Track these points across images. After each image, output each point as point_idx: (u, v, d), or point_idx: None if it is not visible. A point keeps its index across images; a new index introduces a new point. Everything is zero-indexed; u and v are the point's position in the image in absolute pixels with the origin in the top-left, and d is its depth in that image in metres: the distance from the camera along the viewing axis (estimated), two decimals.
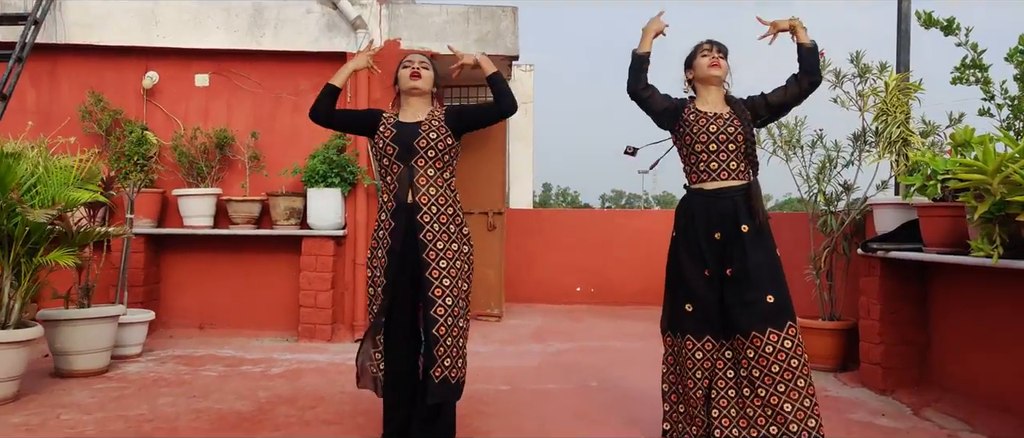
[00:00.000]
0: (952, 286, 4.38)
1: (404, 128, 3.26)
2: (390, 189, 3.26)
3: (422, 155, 3.21)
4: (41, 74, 6.12)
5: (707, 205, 3.21)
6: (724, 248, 3.19)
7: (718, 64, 3.27)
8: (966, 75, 4.03)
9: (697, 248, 3.20)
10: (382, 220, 3.29)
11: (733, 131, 3.18)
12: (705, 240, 3.19)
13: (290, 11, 6.19)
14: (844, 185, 5.35)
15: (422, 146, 3.21)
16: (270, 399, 4.18)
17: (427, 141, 3.21)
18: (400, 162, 3.23)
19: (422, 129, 3.24)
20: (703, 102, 3.32)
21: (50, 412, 3.81)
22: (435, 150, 3.22)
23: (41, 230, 3.93)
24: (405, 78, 3.31)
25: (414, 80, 3.28)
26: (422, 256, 3.17)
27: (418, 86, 3.29)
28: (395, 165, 3.24)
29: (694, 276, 3.21)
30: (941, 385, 4.42)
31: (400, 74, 3.35)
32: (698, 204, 3.23)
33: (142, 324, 5.26)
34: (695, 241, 3.20)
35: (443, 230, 3.20)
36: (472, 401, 4.21)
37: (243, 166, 6.16)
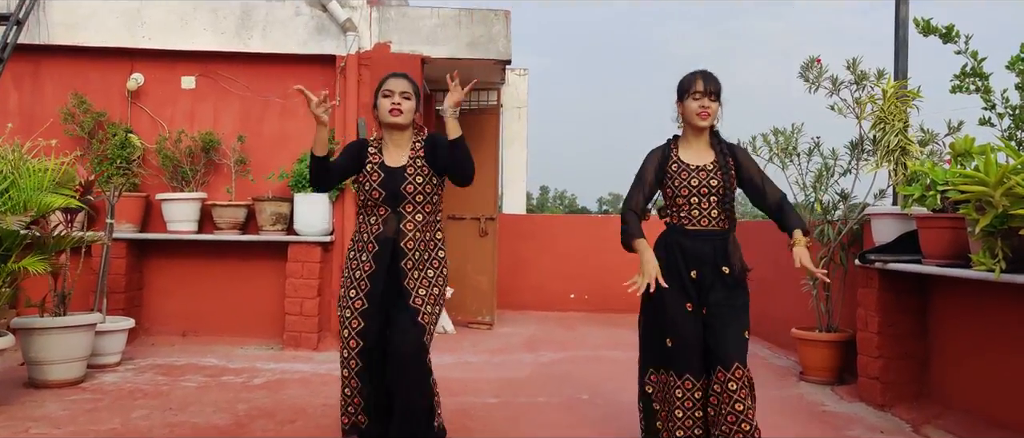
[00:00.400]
0: (952, 299, 4.27)
1: (390, 173, 3.18)
2: (371, 229, 3.21)
3: (410, 201, 3.18)
4: (24, 75, 6.00)
5: (689, 244, 3.16)
6: (700, 288, 3.14)
7: (706, 114, 3.16)
8: (966, 83, 3.92)
9: (680, 282, 3.12)
10: (365, 242, 3.22)
11: (715, 185, 3.16)
12: (686, 276, 3.13)
13: (279, 13, 6.08)
14: (841, 194, 5.25)
15: (409, 192, 3.17)
16: (249, 412, 4.06)
17: (414, 186, 3.17)
18: (387, 206, 3.18)
19: (408, 173, 3.18)
20: (687, 147, 3.25)
21: (20, 425, 3.68)
22: (423, 194, 3.19)
23: (13, 236, 3.81)
24: (384, 112, 3.18)
25: (395, 117, 3.17)
26: (403, 284, 3.16)
27: (399, 122, 3.19)
28: (381, 208, 3.19)
29: (677, 311, 3.11)
30: (941, 400, 4.31)
31: (380, 104, 3.21)
32: (681, 240, 3.17)
33: (121, 332, 5.13)
34: (678, 275, 3.12)
35: (421, 258, 3.21)
36: (459, 415, 4.10)
37: (229, 170, 6.04)
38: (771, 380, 5.23)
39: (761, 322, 7.06)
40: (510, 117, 10.30)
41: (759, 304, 7.04)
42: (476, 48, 6.21)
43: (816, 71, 5.12)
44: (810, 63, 5.13)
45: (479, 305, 7.48)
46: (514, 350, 6.26)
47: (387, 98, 3.18)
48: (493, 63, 6.42)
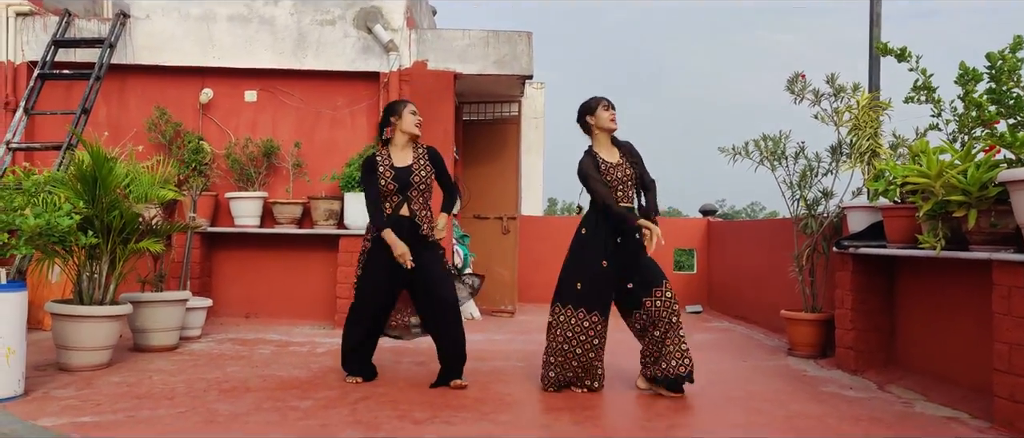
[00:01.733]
0: (911, 278, 5.05)
1: (399, 171, 4.37)
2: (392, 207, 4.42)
3: (415, 189, 4.39)
4: (112, 91, 6.89)
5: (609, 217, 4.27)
6: (621, 250, 4.28)
7: (615, 120, 4.41)
8: (917, 95, 4.71)
9: (601, 245, 4.26)
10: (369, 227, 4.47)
11: (630, 173, 4.37)
12: (610, 241, 4.27)
13: (330, 35, 6.94)
14: (823, 192, 6.02)
15: (415, 181, 4.39)
16: (321, 369, 4.88)
17: (419, 178, 4.40)
18: (399, 195, 4.37)
19: (413, 169, 4.40)
20: (601, 148, 4.41)
21: (143, 374, 4.52)
22: (426, 184, 4.42)
23: (134, 222, 4.66)
24: (413, 124, 4.41)
25: (420, 129, 4.45)
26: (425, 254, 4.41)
27: (419, 133, 4.46)
28: (394, 197, 4.37)
29: (593, 263, 4.26)
30: (904, 366, 5.08)
31: (408, 118, 4.41)
32: (606, 220, 4.29)
33: (203, 309, 5.98)
34: (601, 240, 4.27)
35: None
36: (494, 373, 4.90)
37: (287, 172, 6.89)
38: (763, 355, 5.99)
39: (755, 309, 7.85)
40: (527, 127, 11.13)
41: (754, 293, 7.88)
42: (502, 65, 7.04)
43: (800, 85, 5.92)
44: (795, 78, 5.93)
45: (502, 295, 8.28)
46: (534, 331, 7.04)
47: (415, 115, 4.44)
48: (517, 78, 7.25)
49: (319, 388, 4.32)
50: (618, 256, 4.31)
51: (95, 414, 3.59)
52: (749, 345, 6.54)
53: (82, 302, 4.58)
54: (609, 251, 4.30)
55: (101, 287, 4.61)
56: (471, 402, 4.08)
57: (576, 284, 4.29)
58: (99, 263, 4.58)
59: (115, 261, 4.66)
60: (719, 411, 4.07)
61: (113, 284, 4.68)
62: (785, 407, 4.17)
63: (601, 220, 4.33)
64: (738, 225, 9.92)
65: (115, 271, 4.67)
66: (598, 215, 4.35)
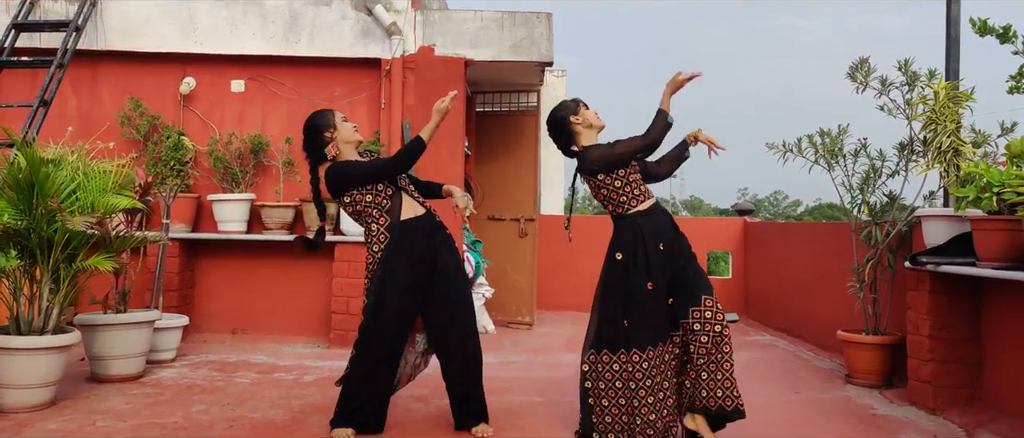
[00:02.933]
0: (1008, 303, 4.22)
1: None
2: (385, 211, 3.63)
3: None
4: (82, 80, 6.18)
5: (644, 225, 3.58)
6: (669, 256, 3.58)
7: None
8: (1023, 84, 3.88)
9: (644, 263, 3.52)
10: (381, 240, 3.60)
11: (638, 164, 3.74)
12: (653, 253, 3.53)
13: (325, 17, 6.19)
14: (889, 196, 5.20)
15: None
16: (303, 408, 4.15)
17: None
18: (392, 187, 3.69)
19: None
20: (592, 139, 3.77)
21: (86, 418, 3.81)
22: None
23: (80, 236, 3.95)
24: (351, 130, 3.74)
25: (359, 134, 3.81)
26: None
27: (362, 139, 3.89)
28: (391, 200, 3.66)
29: (638, 289, 3.51)
30: (995, 405, 4.26)
31: (344, 127, 3.73)
32: (635, 226, 3.58)
33: (176, 329, 5.27)
34: (644, 256, 3.52)
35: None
36: (507, 413, 4.16)
37: (277, 172, 6.17)
38: (816, 383, 5.21)
39: (802, 323, 7.04)
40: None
41: (801, 305, 7.06)
42: (519, 50, 6.26)
43: (865, 71, 5.09)
44: (859, 63, 5.10)
45: (519, 305, 7.53)
46: (554, 350, 6.30)
47: (347, 122, 3.76)
48: (535, 65, 6.46)
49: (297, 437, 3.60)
50: (661, 269, 3.56)
51: None
52: (798, 367, 5.74)
53: (19, 331, 3.87)
54: (653, 267, 3.53)
55: (42, 313, 3.90)
56: None
57: (621, 322, 3.52)
58: (39, 285, 3.87)
59: (59, 281, 3.94)
60: None
61: (56, 308, 3.97)
62: None
63: (637, 233, 3.58)
64: (782, 227, 9.10)
65: (59, 293, 3.96)
66: (631, 228, 3.60)
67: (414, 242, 3.59)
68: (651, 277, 3.52)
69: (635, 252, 3.55)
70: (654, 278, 3.53)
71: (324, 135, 3.66)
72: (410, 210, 3.65)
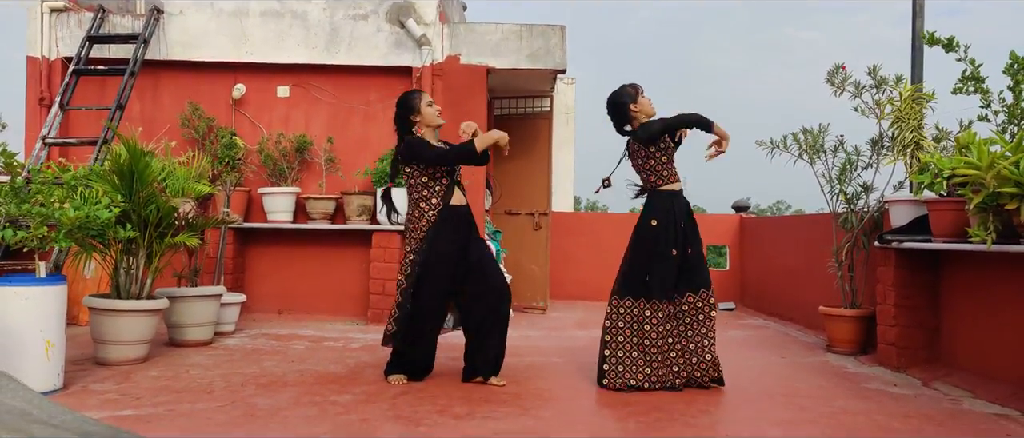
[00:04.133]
0: (958, 273, 4.92)
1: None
2: (438, 195, 4.28)
3: (458, 172, 4.41)
4: (145, 87, 6.93)
5: (673, 203, 4.31)
6: (685, 233, 4.29)
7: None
8: (966, 86, 4.58)
9: (672, 234, 4.25)
10: (430, 217, 4.25)
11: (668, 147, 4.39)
12: (675, 228, 4.26)
13: (362, 30, 6.92)
14: (863, 186, 5.90)
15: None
16: (358, 364, 4.85)
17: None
18: (449, 177, 4.32)
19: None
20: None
21: (180, 368, 4.53)
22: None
23: (171, 216, 4.66)
24: (436, 116, 4.36)
25: (442, 118, 4.42)
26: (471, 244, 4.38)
27: (443, 123, 4.42)
28: (444, 180, 4.29)
29: (665, 253, 4.24)
30: (950, 363, 4.95)
31: (429, 111, 4.35)
32: (670, 201, 4.31)
33: (236, 305, 5.99)
34: (672, 228, 4.25)
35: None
36: (533, 369, 4.86)
37: (320, 168, 6.89)
38: (801, 352, 5.89)
39: (790, 306, 7.73)
40: (558, 122, 11.05)
41: (789, 290, 7.75)
42: (535, 59, 6.98)
43: (841, 76, 5.80)
44: (835, 69, 5.81)
45: (533, 291, 8.23)
46: (568, 328, 7.00)
47: (432, 107, 4.38)
48: (549, 73, 7.18)
49: (357, 383, 4.30)
50: (682, 243, 4.29)
51: (135, 408, 3.59)
52: (786, 341, 6.43)
53: (119, 296, 4.59)
54: (678, 239, 4.28)
55: (138, 281, 4.62)
56: (510, 397, 4.03)
57: (644, 276, 4.26)
58: (136, 257, 4.59)
59: (151, 255, 4.67)
60: (762, 408, 3.99)
61: (149, 278, 4.69)
62: (829, 403, 4.08)
63: (669, 206, 4.31)
64: (772, 221, 9.79)
65: (151, 265, 4.68)
66: (667, 200, 4.33)
67: (457, 224, 4.31)
68: (676, 245, 4.25)
69: (668, 222, 4.27)
70: (678, 247, 4.26)
71: (411, 119, 4.35)
72: (458, 199, 4.36)
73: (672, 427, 3.59)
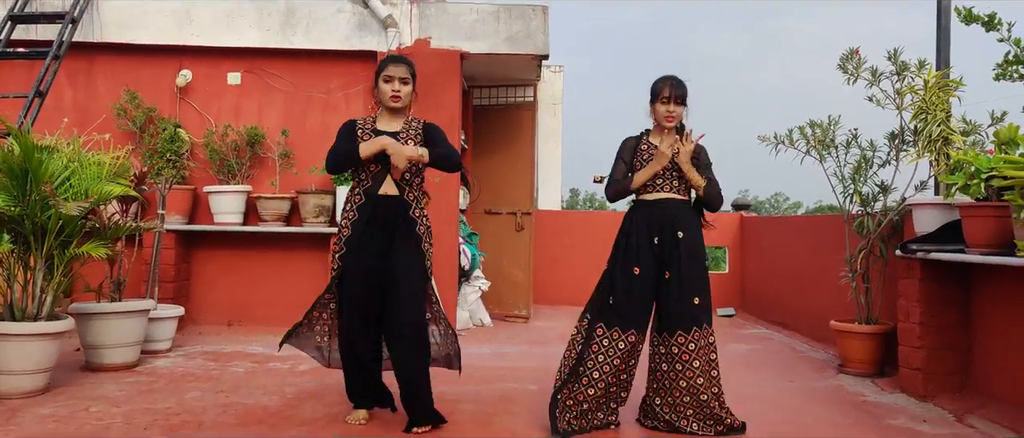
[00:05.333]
0: (997, 289, 4.24)
1: (381, 135, 3.50)
2: (363, 185, 3.53)
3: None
4: (78, 72, 6.21)
5: (649, 214, 3.63)
6: (662, 252, 3.60)
7: (672, 118, 3.63)
8: (1009, 71, 3.90)
9: (635, 251, 3.59)
10: (354, 202, 3.54)
11: (673, 164, 3.63)
12: (646, 244, 3.59)
13: (321, 10, 6.22)
14: (881, 186, 5.22)
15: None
16: (297, 395, 4.18)
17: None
18: (379, 163, 3.48)
19: (400, 138, 3.51)
20: (657, 135, 3.74)
21: (79, 404, 3.84)
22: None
23: (74, 223, 3.97)
24: (386, 97, 3.52)
25: (394, 102, 3.53)
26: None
27: (397, 107, 3.56)
28: (372, 165, 3.49)
29: (627, 271, 3.57)
30: (985, 391, 4.28)
31: (381, 88, 3.53)
32: (642, 214, 3.65)
33: (172, 319, 5.29)
34: (635, 244, 3.59)
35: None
36: (501, 401, 4.18)
37: (273, 164, 6.20)
38: (810, 373, 5.23)
39: (797, 315, 7.06)
40: (545, 113, 10.37)
41: (795, 298, 7.08)
42: (514, 43, 6.28)
43: (855, 62, 5.11)
44: (849, 54, 5.12)
45: (515, 299, 7.55)
46: (550, 341, 6.31)
47: (388, 84, 3.52)
48: (531, 58, 6.49)
49: (287, 423, 3.62)
50: (655, 261, 3.60)
51: None
52: (793, 359, 5.76)
53: (13, 317, 3.90)
54: (643, 255, 3.59)
55: (35, 299, 3.92)
56: None
57: (608, 297, 3.60)
58: (33, 271, 3.89)
59: (53, 268, 3.97)
60: None
61: (50, 295, 4.00)
62: None
63: (633, 220, 3.67)
64: (777, 221, 9.12)
65: (53, 280, 3.98)
66: (630, 214, 3.71)
67: (383, 220, 3.52)
68: (639, 262, 3.58)
69: (628, 236, 3.65)
70: (643, 265, 3.57)
71: (374, 91, 3.64)
72: (388, 188, 3.54)
73: None
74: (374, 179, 3.51)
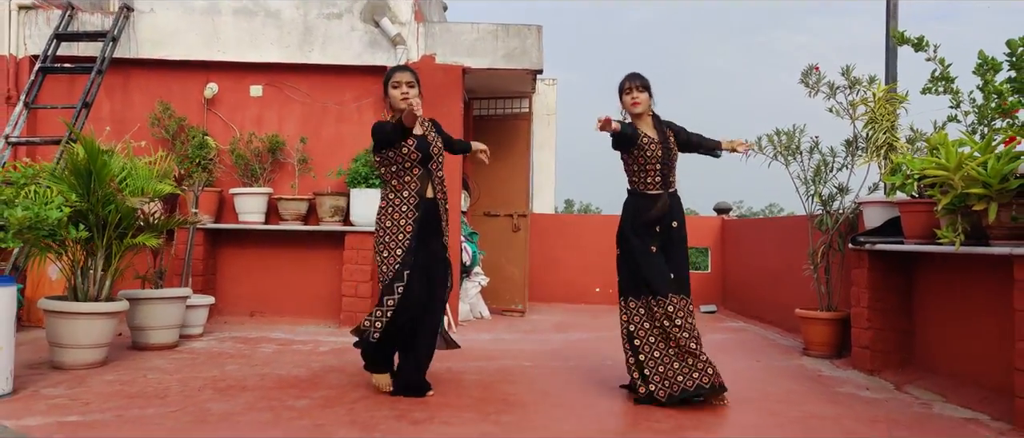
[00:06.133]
0: (930, 275, 4.86)
1: (418, 139, 4.02)
2: (410, 187, 3.99)
3: (435, 160, 4.06)
4: (115, 85, 6.82)
5: (649, 205, 4.14)
6: (661, 236, 4.14)
7: (637, 102, 4.17)
8: (935, 86, 4.53)
9: (645, 232, 4.12)
10: (404, 211, 3.97)
11: (662, 154, 4.16)
12: (648, 228, 4.12)
13: (336, 29, 6.84)
14: (838, 187, 5.85)
15: (435, 152, 4.07)
16: (322, 368, 4.77)
17: (437, 148, 4.09)
18: (421, 166, 3.99)
19: (429, 139, 4.08)
20: (643, 126, 4.22)
21: (138, 373, 4.43)
22: (442, 155, 4.13)
23: (130, 217, 4.57)
24: (397, 100, 3.96)
25: (404, 103, 3.93)
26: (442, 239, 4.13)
27: (405, 109, 3.91)
28: (416, 168, 3.98)
29: (645, 251, 4.10)
30: (923, 366, 4.89)
31: (392, 93, 4.00)
32: (643, 202, 4.16)
33: (204, 307, 5.89)
34: (643, 226, 4.12)
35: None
36: (500, 373, 4.78)
37: (293, 168, 6.80)
38: (777, 355, 5.83)
39: (770, 308, 7.67)
40: (540, 124, 10.99)
41: (769, 293, 7.70)
42: (511, 59, 6.91)
43: (815, 77, 5.75)
44: (809, 70, 5.76)
45: (512, 294, 8.15)
46: (545, 331, 6.92)
47: (396, 89, 3.98)
48: (526, 73, 7.11)
49: (318, 387, 4.21)
50: (661, 243, 4.15)
51: (82, 413, 3.50)
52: (763, 345, 6.37)
53: (77, 298, 4.50)
54: (653, 238, 4.14)
55: (96, 283, 4.52)
56: (473, 402, 3.95)
57: (640, 272, 4.09)
58: (94, 259, 4.49)
59: (111, 257, 4.57)
60: (730, 412, 3.92)
61: (108, 280, 4.59)
62: (799, 407, 4.02)
63: (637, 209, 4.16)
64: (752, 223, 9.74)
65: (111, 267, 4.58)
66: (634, 201, 4.19)
67: (428, 219, 4.06)
68: (653, 244, 4.10)
69: (635, 222, 4.15)
70: (655, 244, 4.11)
71: (385, 98, 4.13)
72: (431, 192, 4.05)
73: (634, 432, 3.52)
74: (420, 181, 3.98)
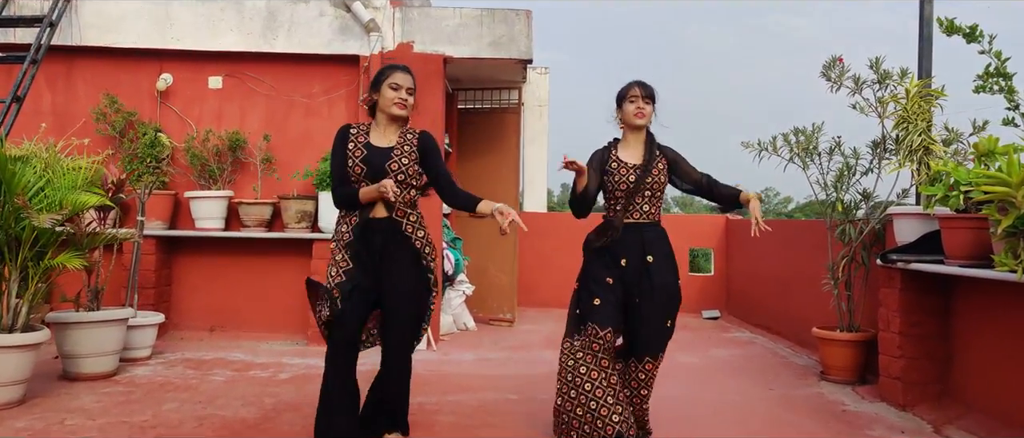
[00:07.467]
0: (976, 300, 4.25)
1: (374, 151, 3.31)
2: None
3: (392, 178, 3.25)
4: (57, 76, 6.14)
5: (603, 230, 3.58)
6: (629, 274, 3.51)
7: (643, 113, 3.56)
8: (989, 83, 3.91)
9: (606, 261, 3.52)
10: (342, 231, 3.34)
11: (650, 181, 3.53)
12: (613, 261, 3.52)
13: (303, 13, 6.17)
14: (863, 194, 5.23)
15: (393, 169, 3.28)
16: (276, 406, 4.15)
17: (398, 165, 3.29)
18: (368, 181, 3.28)
19: (394, 154, 3.31)
20: (625, 146, 3.63)
21: (54, 417, 3.80)
22: (404, 175, 3.30)
23: (48, 233, 3.93)
24: (390, 104, 3.32)
25: (400, 110, 3.33)
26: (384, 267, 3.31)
27: (403, 116, 3.36)
28: (362, 183, 3.29)
29: (602, 279, 3.49)
30: (963, 401, 4.30)
31: (386, 93, 3.33)
32: (601, 226, 3.61)
33: (152, 327, 5.25)
34: (606, 256, 3.53)
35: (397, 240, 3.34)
36: (481, 412, 4.17)
37: (255, 169, 6.15)
38: (791, 379, 5.24)
39: (780, 320, 7.08)
40: (531, 115, 10.34)
41: (779, 302, 7.09)
42: (498, 47, 6.25)
43: (838, 70, 5.11)
44: (832, 62, 5.13)
45: (500, 302, 7.54)
46: (534, 347, 6.31)
47: (395, 91, 3.32)
48: (516, 62, 6.46)
49: (265, 437, 3.59)
50: (624, 279, 3.53)
51: None
52: (775, 365, 5.77)
53: None
54: (613, 272, 3.53)
55: (10, 311, 3.88)
56: None
57: (585, 304, 3.50)
58: (7, 283, 3.85)
59: (27, 279, 3.92)
60: None
61: (25, 306, 3.95)
62: None
63: (596, 231, 3.63)
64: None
65: (28, 291, 3.94)
66: (603, 226, 3.62)
67: (370, 240, 3.34)
68: (610, 275, 3.51)
69: (597, 253, 3.59)
70: (613, 277, 3.51)
71: (372, 94, 3.42)
72: (379, 211, 3.35)
73: None
74: (363, 210, 3.33)
